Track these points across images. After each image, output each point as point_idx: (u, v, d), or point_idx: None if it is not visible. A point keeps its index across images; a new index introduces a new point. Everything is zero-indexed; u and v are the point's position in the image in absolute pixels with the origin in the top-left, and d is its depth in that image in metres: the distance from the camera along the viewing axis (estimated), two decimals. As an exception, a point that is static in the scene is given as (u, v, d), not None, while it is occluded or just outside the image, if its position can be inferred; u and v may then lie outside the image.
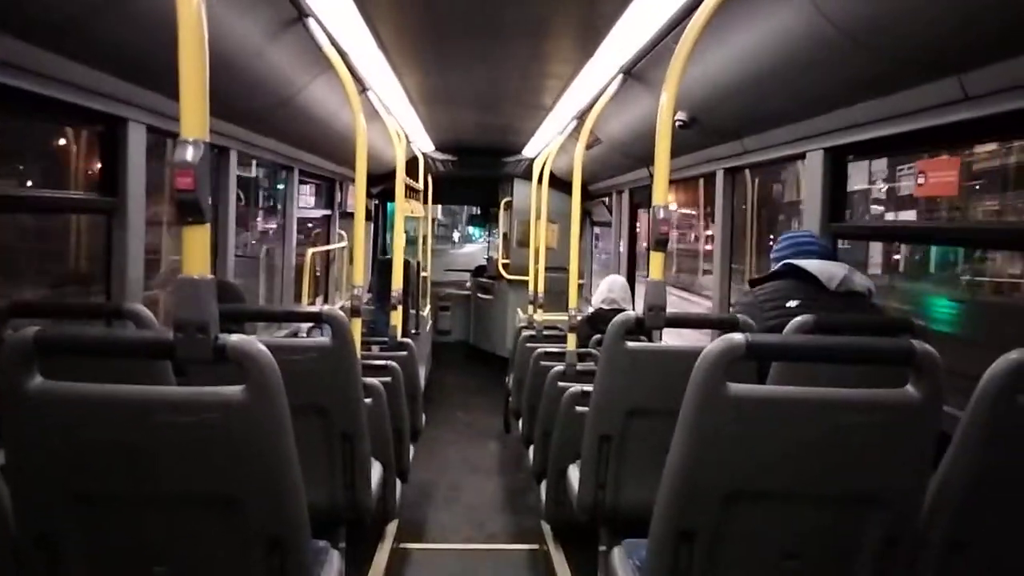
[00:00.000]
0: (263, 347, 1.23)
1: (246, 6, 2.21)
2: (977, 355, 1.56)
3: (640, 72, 3.02)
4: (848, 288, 2.17)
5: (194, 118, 1.17)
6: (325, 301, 5.94)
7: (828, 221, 2.69)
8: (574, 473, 2.47)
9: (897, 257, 3.71)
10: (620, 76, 3.10)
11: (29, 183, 2.78)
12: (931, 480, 1.33)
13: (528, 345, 4.29)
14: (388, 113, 4.12)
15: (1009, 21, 1.56)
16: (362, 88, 3.48)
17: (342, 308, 4.84)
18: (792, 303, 2.16)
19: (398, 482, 2.98)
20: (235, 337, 1.22)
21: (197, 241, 1.20)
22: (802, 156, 2.82)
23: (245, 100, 2.97)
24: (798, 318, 1.97)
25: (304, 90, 3.16)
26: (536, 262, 5.18)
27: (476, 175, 7.71)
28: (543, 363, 3.60)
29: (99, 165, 2.47)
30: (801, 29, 1.95)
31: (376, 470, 2.41)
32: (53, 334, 1.25)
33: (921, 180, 2.42)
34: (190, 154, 1.15)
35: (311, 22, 2.45)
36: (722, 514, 1.34)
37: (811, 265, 2.22)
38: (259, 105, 3.12)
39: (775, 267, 2.38)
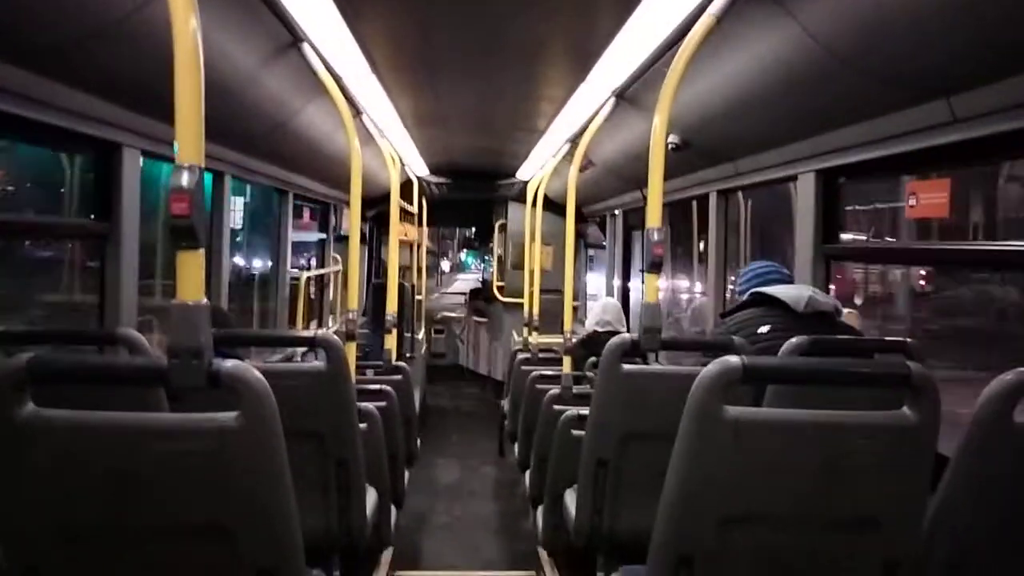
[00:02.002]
0: (257, 373, 1.22)
1: (242, 32, 2.22)
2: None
3: (632, 95, 3.05)
4: (815, 309, 2.25)
5: (189, 144, 1.17)
6: (320, 325, 5.92)
7: (821, 243, 2.70)
8: (571, 498, 2.45)
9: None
10: (612, 99, 3.12)
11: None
12: (930, 502, 1.33)
13: (523, 368, 4.28)
14: (382, 136, 4.14)
15: (996, 45, 1.58)
16: (356, 112, 3.50)
17: (336, 332, 4.82)
18: (764, 328, 2.24)
19: (393, 508, 2.95)
20: (229, 363, 1.21)
21: (192, 266, 1.20)
22: (794, 178, 2.84)
23: (240, 124, 2.98)
24: (792, 340, 1.98)
25: (299, 114, 3.18)
26: (531, 284, 5.18)
27: (470, 198, 7.75)
28: (539, 386, 3.58)
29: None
30: (791, 53, 1.98)
31: (371, 496, 2.38)
32: (47, 361, 1.23)
33: (912, 201, 2.44)
34: (185, 180, 1.15)
35: (306, 47, 2.47)
36: (721, 538, 1.32)
37: (777, 290, 2.32)
38: (254, 129, 3.13)
39: (741, 298, 2.48)
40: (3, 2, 1.51)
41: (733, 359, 1.30)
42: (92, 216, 2.47)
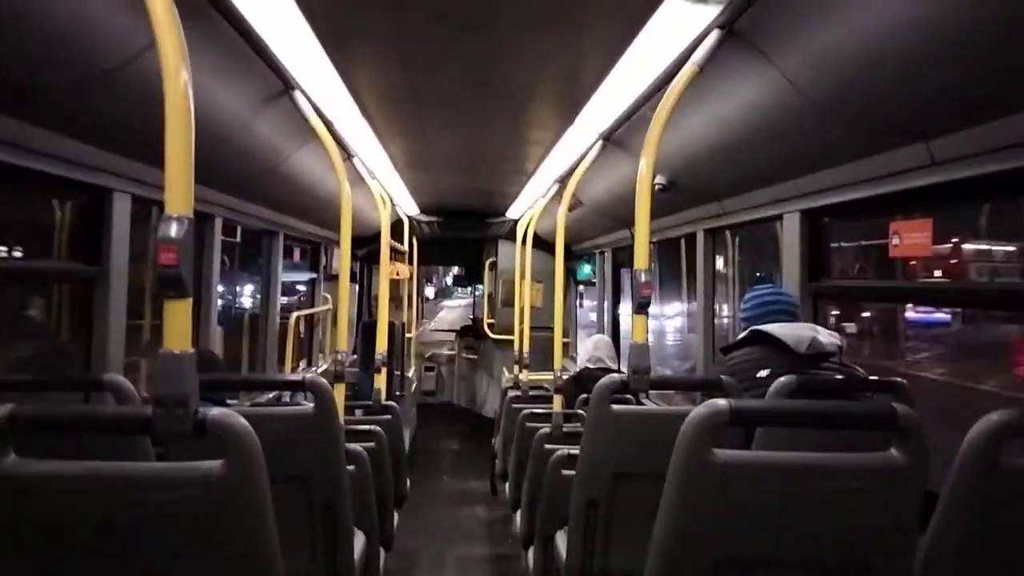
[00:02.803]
0: (243, 421, 1.21)
1: (234, 80, 2.26)
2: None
3: (619, 138, 3.10)
4: (817, 350, 2.19)
5: (179, 194, 1.18)
6: (309, 364, 5.89)
7: (807, 281, 2.73)
8: (562, 539, 2.42)
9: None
10: (600, 142, 3.18)
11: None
12: (920, 543, 1.32)
13: (514, 406, 4.26)
14: (373, 178, 4.17)
15: (973, 90, 1.63)
16: (347, 155, 3.54)
17: (325, 372, 4.79)
18: (763, 372, 2.18)
19: (382, 551, 2.90)
20: (215, 410, 1.21)
21: (178, 315, 1.20)
22: (779, 217, 2.88)
23: (231, 169, 3.01)
24: (781, 379, 1.99)
25: (290, 158, 3.21)
26: (521, 322, 5.19)
27: (461, 236, 7.79)
28: (529, 424, 3.56)
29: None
30: (773, 99, 2.03)
31: (359, 540, 2.35)
32: (30, 412, 1.22)
33: (896, 240, 2.47)
34: (174, 230, 1.16)
35: (297, 94, 2.51)
36: None
37: (778, 330, 2.25)
38: (245, 173, 3.16)
39: (743, 328, 2.41)
40: None
41: (721, 403, 1.30)
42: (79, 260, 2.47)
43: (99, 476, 1.20)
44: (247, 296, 5.61)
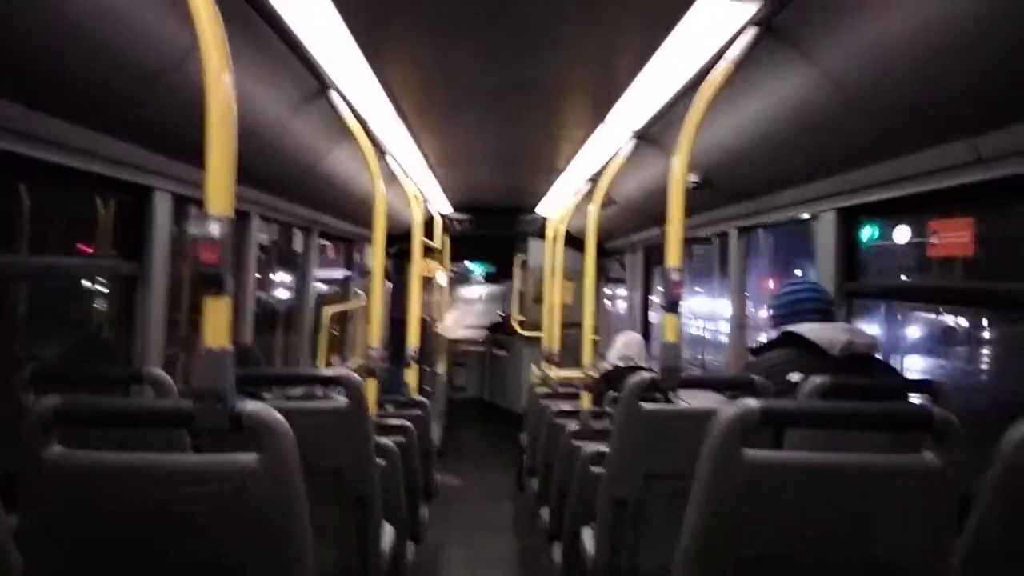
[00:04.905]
0: (279, 416, 1.24)
1: (272, 82, 2.30)
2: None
3: (653, 136, 3.09)
4: (851, 352, 2.10)
5: (220, 195, 1.21)
6: (341, 359, 5.97)
7: (842, 281, 2.69)
8: (589, 535, 2.43)
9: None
10: (632, 140, 3.16)
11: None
12: (956, 548, 1.30)
13: (543, 402, 4.27)
14: (406, 176, 4.21)
15: (1020, 84, 1.58)
16: (381, 153, 3.58)
17: (358, 368, 4.85)
18: (794, 376, 2.08)
19: (410, 543, 2.93)
20: (251, 405, 1.24)
21: (219, 312, 1.23)
22: (815, 216, 2.84)
23: (269, 169, 3.06)
24: (813, 379, 1.95)
25: (325, 157, 3.25)
26: (551, 319, 5.19)
27: (491, 234, 7.81)
28: (558, 421, 3.57)
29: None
30: (810, 95, 2.00)
31: (388, 532, 2.38)
32: (74, 404, 1.27)
33: (935, 240, 2.42)
34: (214, 230, 1.19)
35: (333, 94, 2.54)
36: None
37: (810, 332, 2.16)
38: (282, 173, 3.21)
39: (773, 325, 2.33)
40: (46, 57, 1.59)
41: (751, 403, 1.29)
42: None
43: (142, 467, 1.24)
44: (282, 290, 5.69)
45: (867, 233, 2.76)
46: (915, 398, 2.25)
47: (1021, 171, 1.78)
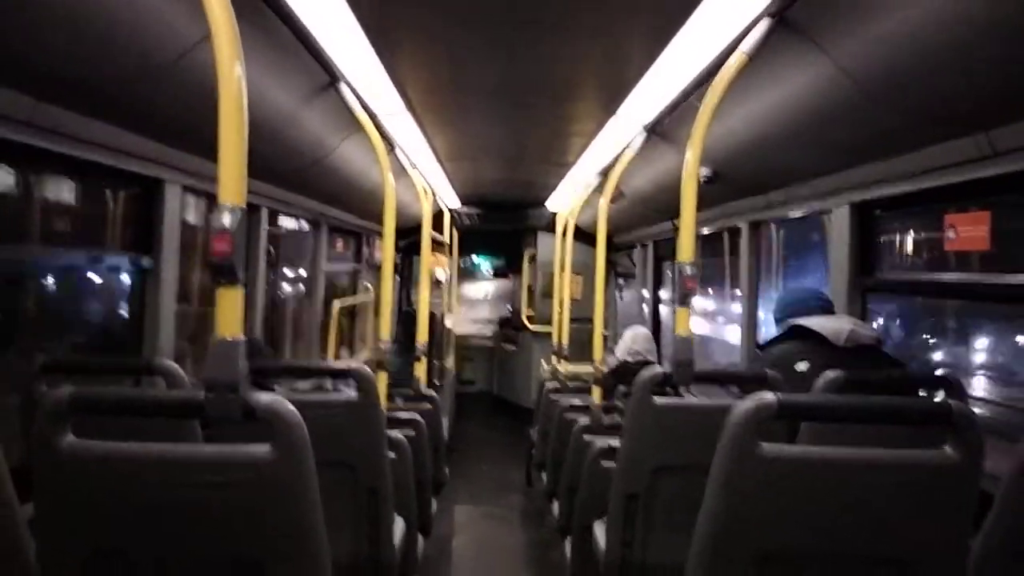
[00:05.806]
0: (291, 406, 1.24)
1: (283, 74, 2.29)
2: None
3: (663, 129, 3.07)
4: (856, 342, 2.17)
5: (232, 185, 1.21)
6: (351, 352, 5.98)
7: (856, 276, 2.67)
8: (600, 529, 2.42)
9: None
10: (643, 133, 3.14)
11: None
12: (974, 544, 1.29)
13: (552, 397, 4.26)
14: (415, 170, 4.21)
15: None
16: (390, 147, 3.57)
17: (367, 360, 4.86)
18: (801, 366, 2.17)
19: (420, 537, 2.94)
20: (263, 396, 1.24)
21: (230, 302, 1.23)
22: (828, 211, 2.82)
23: (279, 162, 3.06)
24: (828, 374, 1.94)
25: (335, 150, 3.25)
26: (560, 313, 5.18)
27: (500, 228, 7.80)
28: (567, 416, 3.56)
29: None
30: (824, 88, 1.97)
31: (398, 525, 2.39)
32: (88, 394, 1.27)
33: (951, 234, 2.39)
34: (227, 220, 1.19)
35: (343, 87, 2.54)
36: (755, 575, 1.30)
37: (815, 323, 2.24)
38: (292, 166, 3.21)
39: (776, 325, 2.42)
40: (56, 48, 1.59)
41: (768, 395, 1.28)
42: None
43: (155, 457, 1.24)
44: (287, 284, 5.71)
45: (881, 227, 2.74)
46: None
47: None
